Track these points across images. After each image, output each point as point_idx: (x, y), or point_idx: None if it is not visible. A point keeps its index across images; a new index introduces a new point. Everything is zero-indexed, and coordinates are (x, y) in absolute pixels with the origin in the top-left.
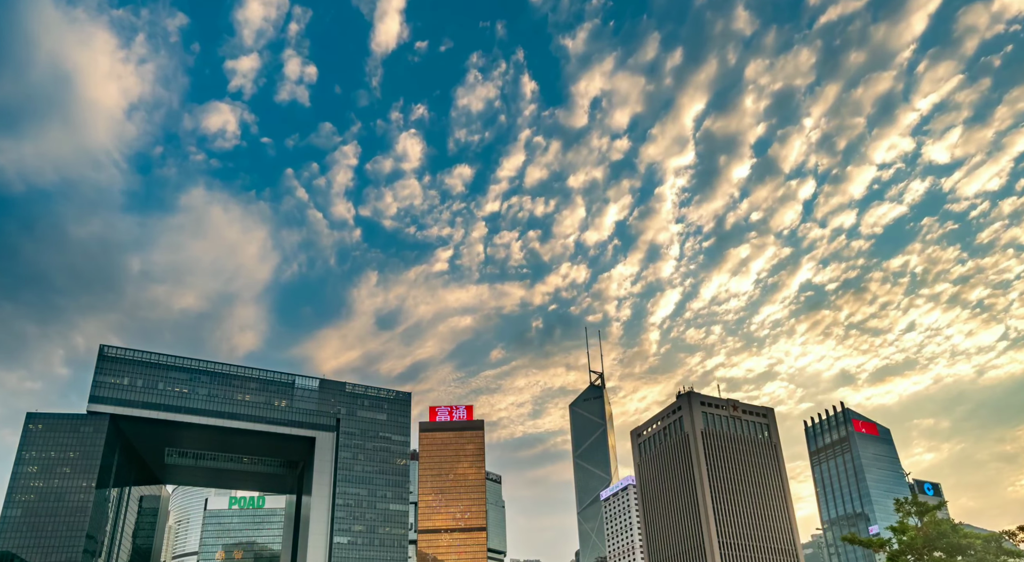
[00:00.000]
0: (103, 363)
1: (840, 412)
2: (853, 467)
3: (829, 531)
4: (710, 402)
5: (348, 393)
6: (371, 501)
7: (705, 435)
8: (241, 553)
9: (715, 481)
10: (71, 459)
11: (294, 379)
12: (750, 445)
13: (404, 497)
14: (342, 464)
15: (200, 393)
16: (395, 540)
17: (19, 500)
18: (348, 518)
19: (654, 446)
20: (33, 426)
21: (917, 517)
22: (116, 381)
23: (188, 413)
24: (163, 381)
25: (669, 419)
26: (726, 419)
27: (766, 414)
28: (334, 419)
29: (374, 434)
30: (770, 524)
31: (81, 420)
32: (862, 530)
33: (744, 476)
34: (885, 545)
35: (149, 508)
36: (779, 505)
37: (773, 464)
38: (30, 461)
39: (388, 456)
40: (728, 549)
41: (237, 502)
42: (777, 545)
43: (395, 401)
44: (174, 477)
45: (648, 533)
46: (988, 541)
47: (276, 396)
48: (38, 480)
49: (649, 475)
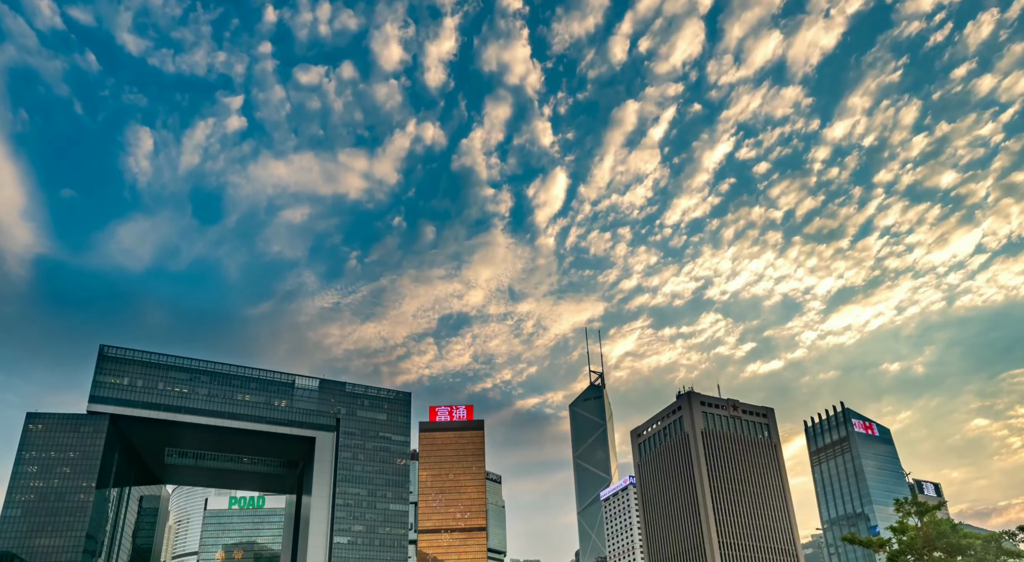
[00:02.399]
0: (103, 363)
1: (840, 412)
2: (853, 467)
3: (829, 531)
4: (710, 402)
5: (348, 393)
6: (371, 501)
7: (705, 435)
8: (241, 553)
9: (715, 481)
10: (71, 459)
11: (294, 379)
12: (750, 445)
13: (404, 497)
14: (342, 464)
15: (200, 393)
16: (395, 540)
17: (19, 500)
18: (348, 518)
19: (654, 446)
20: (33, 426)
21: (917, 517)
22: (116, 381)
23: (188, 413)
24: (163, 381)
25: (669, 419)
26: (726, 419)
27: (766, 414)
28: (334, 419)
29: (374, 434)
30: (770, 524)
31: (81, 420)
32: (862, 530)
33: (744, 476)
34: (885, 545)
35: (149, 508)
36: (779, 505)
37: (773, 464)
38: (30, 461)
39: (388, 456)
40: (728, 549)
41: (237, 502)
42: (777, 545)
43: (395, 401)
44: (174, 477)
45: (648, 533)
46: (988, 541)
47: (276, 396)
48: (38, 480)
49: (649, 475)
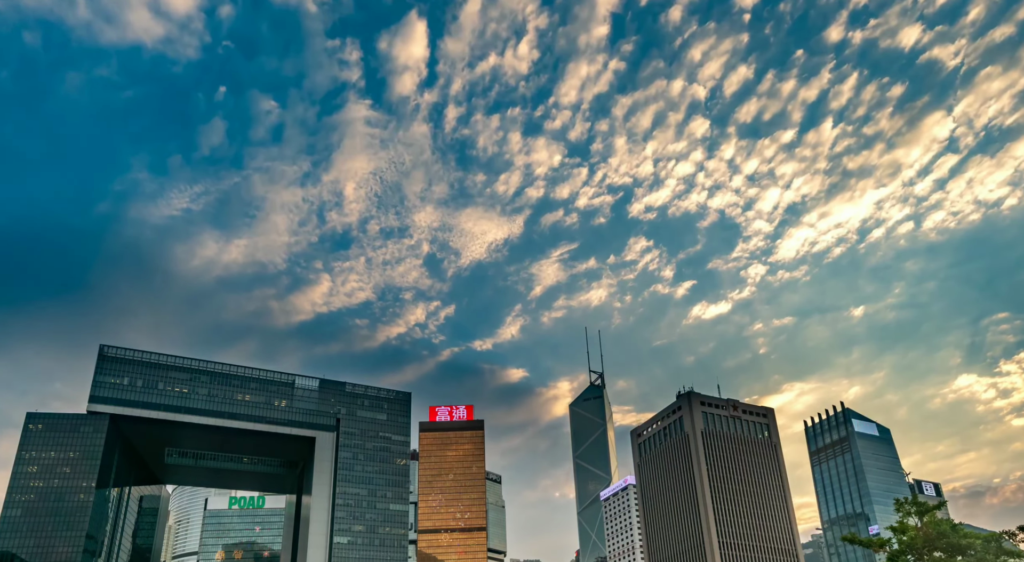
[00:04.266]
0: (103, 363)
1: (840, 412)
2: (853, 467)
3: (829, 531)
4: (710, 402)
5: (348, 393)
6: (371, 501)
7: (705, 435)
8: (241, 553)
9: (715, 481)
10: (71, 459)
11: (294, 379)
12: (750, 445)
13: (404, 497)
14: (342, 464)
15: (200, 393)
16: (395, 540)
17: (19, 500)
18: (348, 518)
19: (654, 446)
20: (33, 426)
21: (917, 517)
22: (116, 381)
23: (188, 413)
24: (163, 381)
25: (669, 419)
26: (726, 419)
27: (766, 414)
28: (334, 419)
29: (374, 434)
30: (770, 524)
31: (81, 420)
32: (862, 530)
33: (744, 476)
34: (885, 545)
35: (149, 508)
36: (779, 505)
37: (773, 464)
38: (30, 461)
39: (388, 456)
40: (728, 549)
41: (237, 502)
42: (777, 545)
43: (395, 401)
44: (174, 477)
45: (648, 533)
46: (988, 541)
47: (276, 396)
48: (38, 480)
49: (649, 475)
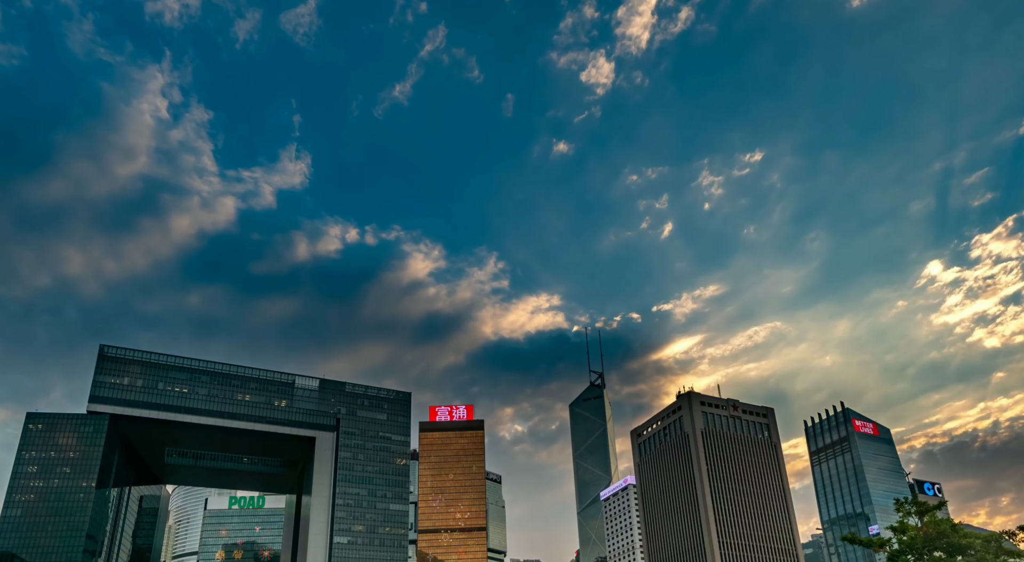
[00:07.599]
0: (103, 363)
1: (840, 412)
2: (853, 467)
3: (829, 531)
4: (710, 402)
5: (348, 393)
6: (371, 501)
7: (705, 435)
8: (241, 553)
9: (715, 481)
10: (71, 459)
11: (294, 379)
12: (750, 445)
13: (404, 497)
14: (342, 464)
15: (200, 393)
16: (395, 540)
17: (19, 500)
18: (348, 518)
19: (654, 446)
20: (33, 426)
21: (917, 517)
22: (116, 381)
23: (188, 413)
24: (163, 381)
25: (669, 419)
26: (726, 419)
27: (766, 414)
28: (334, 419)
29: (374, 434)
30: (770, 524)
31: (81, 420)
32: (862, 530)
33: (744, 476)
34: (885, 545)
35: (149, 508)
36: (779, 505)
37: (773, 464)
38: (30, 461)
39: (388, 456)
40: (728, 549)
41: (237, 502)
42: (777, 545)
43: (395, 401)
44: (174, 477)
45: (648, 533)
46: (988, 541)
47: (276, 396)
48: (38, 480)
49: (649, 475)
